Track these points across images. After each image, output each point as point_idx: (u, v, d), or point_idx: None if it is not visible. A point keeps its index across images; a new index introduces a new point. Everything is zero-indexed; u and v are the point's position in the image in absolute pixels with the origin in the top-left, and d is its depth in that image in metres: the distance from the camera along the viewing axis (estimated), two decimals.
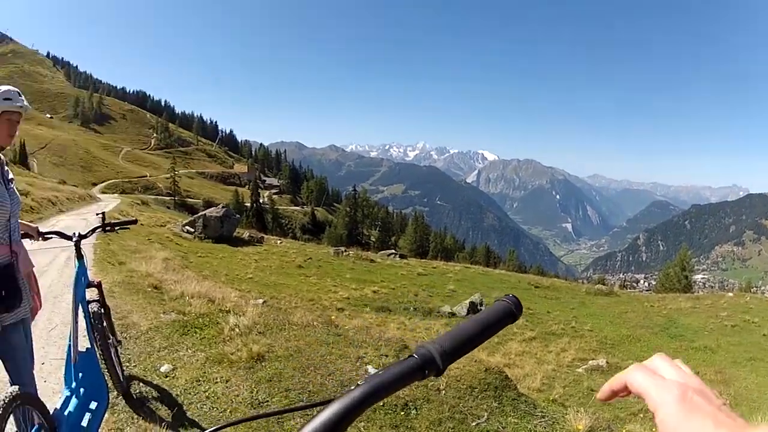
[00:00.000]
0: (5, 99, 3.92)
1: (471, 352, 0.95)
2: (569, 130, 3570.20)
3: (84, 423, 4.15)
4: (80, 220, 34.15)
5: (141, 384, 5.95)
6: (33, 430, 3.60)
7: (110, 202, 60.77)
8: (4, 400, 3.17)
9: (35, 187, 40.09)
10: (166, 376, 6.14)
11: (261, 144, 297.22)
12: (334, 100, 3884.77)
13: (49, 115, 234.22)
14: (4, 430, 3.10)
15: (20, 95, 4.07)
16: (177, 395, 5.63)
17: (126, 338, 7.40)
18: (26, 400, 3.47)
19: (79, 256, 4.63)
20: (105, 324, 4.95)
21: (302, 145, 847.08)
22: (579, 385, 12.90)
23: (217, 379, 6.09)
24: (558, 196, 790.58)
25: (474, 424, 5.70)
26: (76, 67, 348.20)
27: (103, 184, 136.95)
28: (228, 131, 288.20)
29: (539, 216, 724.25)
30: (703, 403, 0.71)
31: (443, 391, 6.23)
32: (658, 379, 0.76)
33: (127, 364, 6.46)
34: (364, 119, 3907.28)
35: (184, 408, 5.39)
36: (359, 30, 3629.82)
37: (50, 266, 13.62)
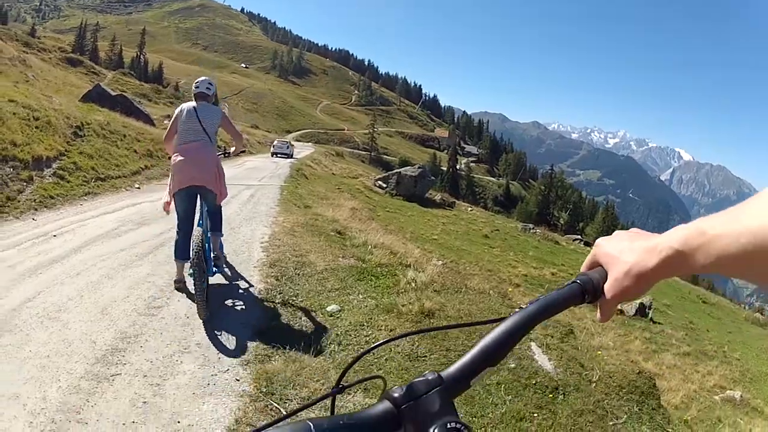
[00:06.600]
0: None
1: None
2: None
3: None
4: (270, 162, 36.34)
5: (303, 318, 6.17)
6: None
7: (303, 150, 63.71)
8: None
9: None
10: (331, 316, 6.29)
11: (464, 111, 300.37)
12: (542, 75, 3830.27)
13: (244, 65, 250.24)
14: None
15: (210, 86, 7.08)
16: (337, 335, 5.74)
17: (299, 275, 7.73)
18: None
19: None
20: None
21: (505, 117, 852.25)
22: (711, 413, 12.42)
23: (381, 326, 6.13)
24: None
25: (611, 423, 5.78)
26: (274, 22, 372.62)
27: (298, 132, 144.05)
28: (432, 95, 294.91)
29: None
30: (627, 231, 0.97)
31: (594, 384, 6.41)
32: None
33: (295, 299, 6.75)
34: (569, 99, 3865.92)
35: (341, 347, 5.48)
36: (571, 7, 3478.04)
37: (233, 200, 14.48)
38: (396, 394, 0.78)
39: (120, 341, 4.95)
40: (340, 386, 0.85)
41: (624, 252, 0.90)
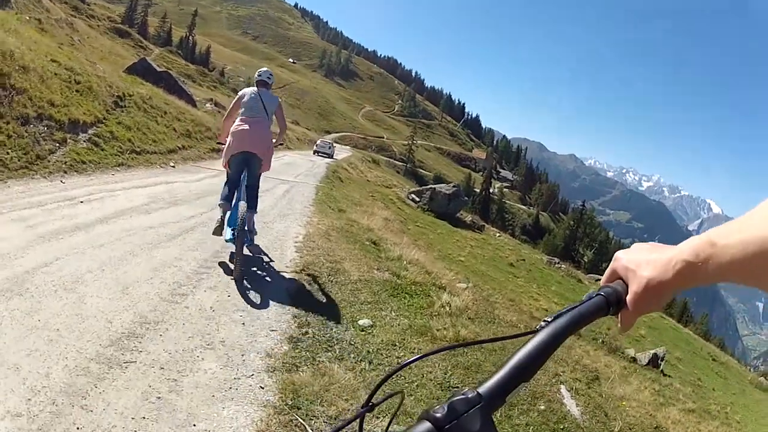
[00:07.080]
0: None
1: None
2: None
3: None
4: (307, 160, 36.57)
5: (334, 329, 5.83)
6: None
7: (340, 152, 64.14)
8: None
9: None
10: (362, 330, 6.00)
11: (504, 136, 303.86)
12: (583, 111, 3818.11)
13: (292, 60, 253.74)
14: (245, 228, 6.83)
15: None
16: (368, 352, 5.43)
17: (332, 282, 7.49)
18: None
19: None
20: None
21: (544, 147, 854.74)
22: None
23: (414, 349, 5.87)
24: None
25: None
26: (326, 22, 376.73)
27: (338, 134, 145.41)
28: (474, 115, 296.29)
29: (741, 287, 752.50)
30: (645, 244, 0.99)
31: None
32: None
33: (326, 307, 6.49)
34: (607, 137, 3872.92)
35: (371, 366, 5.15)
36: (626, 53, 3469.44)
37: (267, 193, 14.32)
38: (438, 414, 0.75)
39: (138, 326, 4.68)
40: (371, 404, 0.83)
41: (642, 266, 0.93)
